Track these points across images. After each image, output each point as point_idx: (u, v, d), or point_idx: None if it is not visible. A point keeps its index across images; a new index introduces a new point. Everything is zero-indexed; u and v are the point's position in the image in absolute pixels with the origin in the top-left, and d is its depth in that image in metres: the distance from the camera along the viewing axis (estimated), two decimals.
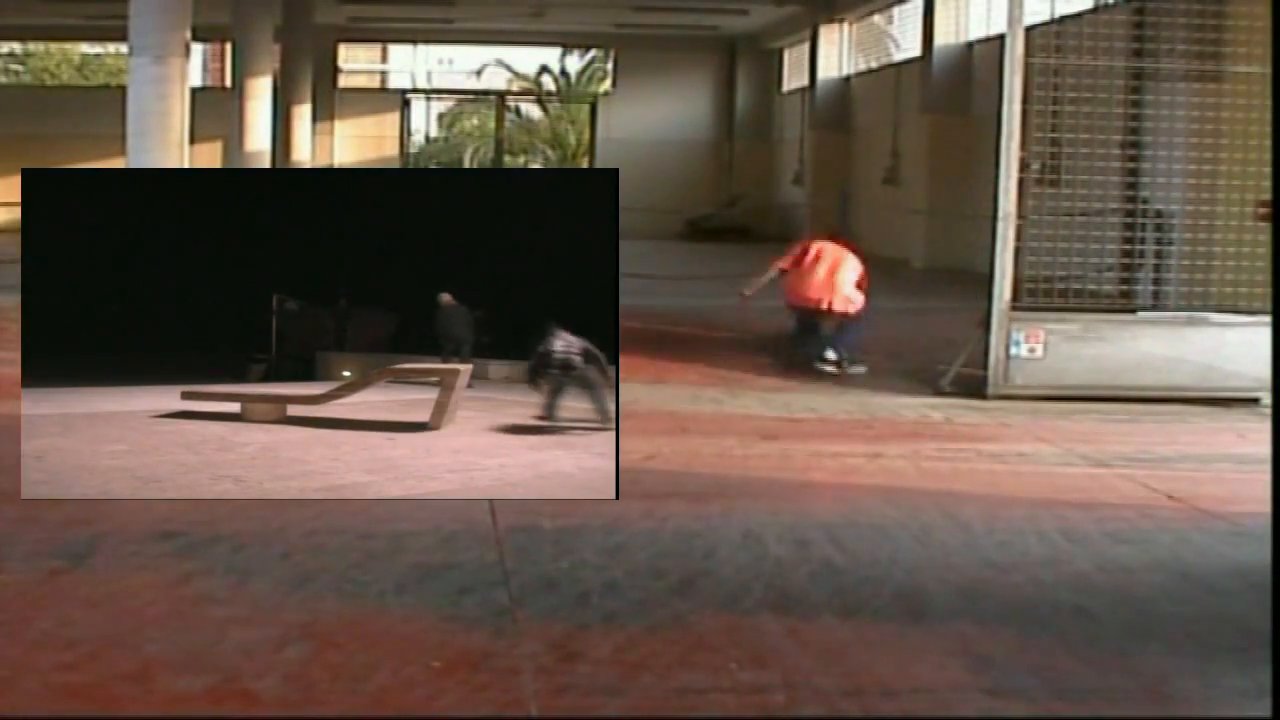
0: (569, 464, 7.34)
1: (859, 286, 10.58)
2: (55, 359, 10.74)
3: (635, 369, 9.97)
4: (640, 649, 4.27)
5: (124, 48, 14.61)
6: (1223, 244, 9.51)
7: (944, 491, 6.60)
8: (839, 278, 10.48)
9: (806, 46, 24.67)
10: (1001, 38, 9.40)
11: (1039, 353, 9.27)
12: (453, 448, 7.86)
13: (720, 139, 28.43)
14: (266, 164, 19.62)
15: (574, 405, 8.71)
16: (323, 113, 25.79)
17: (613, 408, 8.32)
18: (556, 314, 9.21)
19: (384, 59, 41.26)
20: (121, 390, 10.45)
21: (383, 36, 32.69)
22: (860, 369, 10.25)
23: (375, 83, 38.56)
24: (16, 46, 32.58)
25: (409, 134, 29.40)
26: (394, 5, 24.86)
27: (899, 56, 22.52)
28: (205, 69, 33.06)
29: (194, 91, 13.74)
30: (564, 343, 8.86)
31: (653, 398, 9.07)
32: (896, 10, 22.61)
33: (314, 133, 24.50)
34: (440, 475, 6.91)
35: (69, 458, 6.80)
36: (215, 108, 19.22)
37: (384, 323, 16.37)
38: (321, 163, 25.81)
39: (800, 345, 10.58)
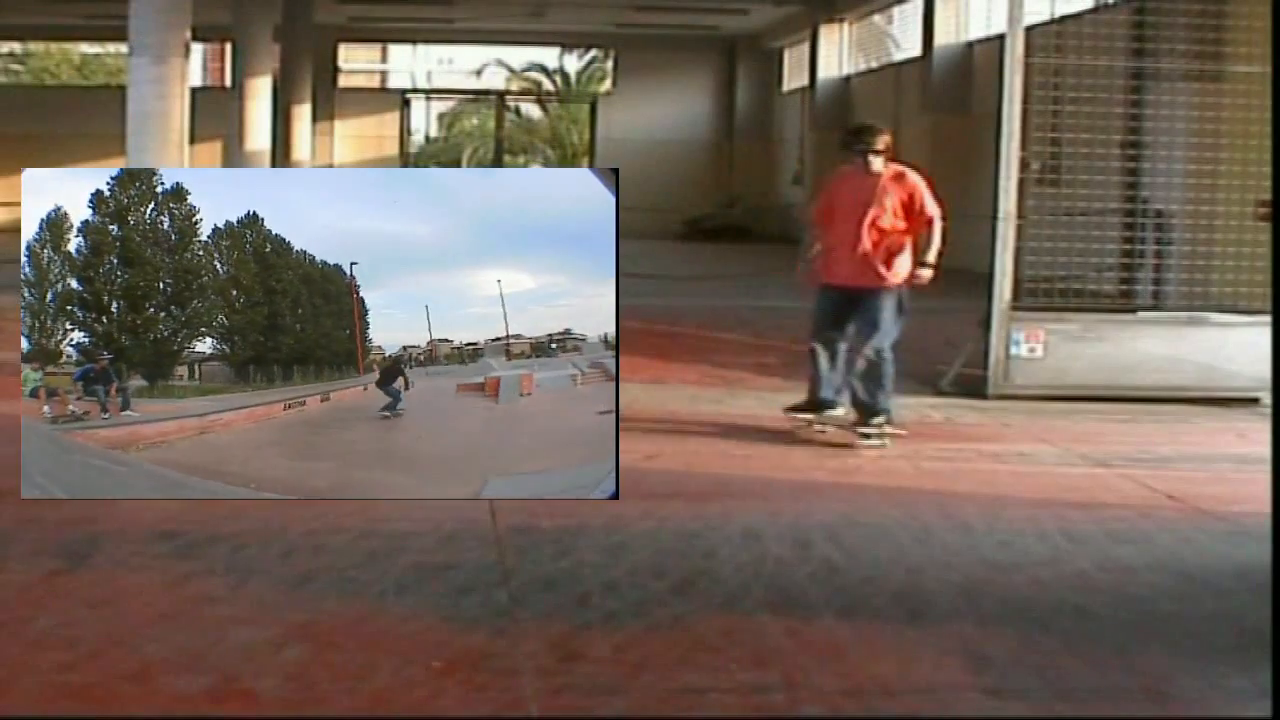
0: None
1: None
2: None
3: (635, 369, 9.97)
4: (640, 649, 4.27)
5: (124, 48, 14.59)
6: (1223, 244, 9.51)
7: (944, 491, 6.60)
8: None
9: (806, 46, 24.65)
10: (1001, 38, 9.41)
11: (1039, 353, 9.27)
12: None
13: (720, 139, 28.42)
14: (266, 164, 19.60)
15: None
16: (323, 113, 25.77)
17: None
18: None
19: (384, 59, 41.24)
20: None
21: (383, 36, 32.65)
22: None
23: (375, 83, 38.52)
24: (16, 46, 32.55)
25: (409, 134, 29.37)
26: (394, 5, 24.83)
27: (899, 56, 22.51)
28: (205, 69, 33.04)
29: (194, 91, 13.72)
30: None
31: (653, 398, 9.07)
32: (896, 10, 22.59)
33: (314, 133, 24.48)
34: None
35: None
36: (215, 108, 19.20)
37: None
38: (321, 163, 25.78)
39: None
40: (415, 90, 33.14)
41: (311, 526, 5.59)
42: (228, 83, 22.23)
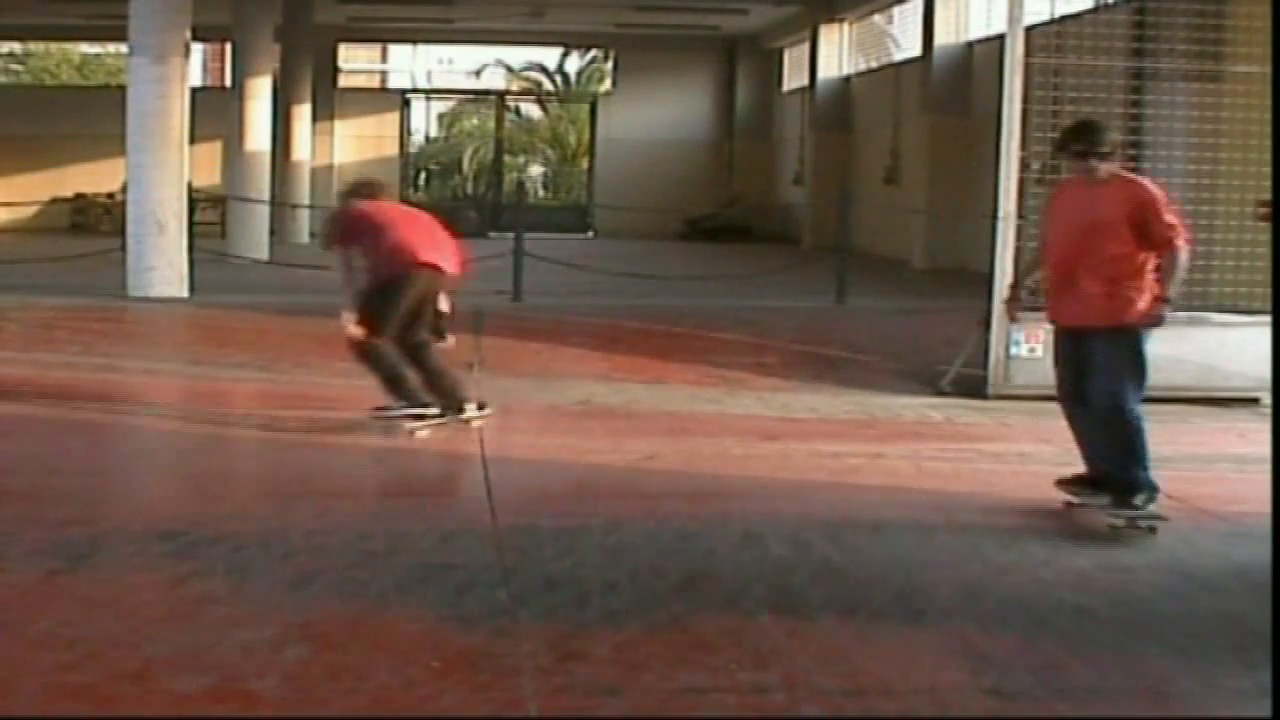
0: None
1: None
2: None
3: (635, 369, 9.97)
4: (640, 649, 4.27)
5: (124, 48, 14.59)
6: (1223, 244, 9.50)
7: (944, 491, 6.60)
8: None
9: (806, 46, 24.63)
10: (1001, 38, 9.40)
11: (1039, 353, 9.24)
12: None
13: (720, 139, 28.41)
14: (266, 164, 19.59)
15: None
16: (323, 113, 25.74)
17: None
18: None
19: (384, 59, 41.22)
20: None
21: (383, 36, 32.63)
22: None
23: (375, 83, 38.51)
24: (16, 46, 32.53)
25: (409, 134, 29.34)
26: (394, 5, 24.82)
27: (899, 56, 22.50)
28: (205, 69, 33.02)
29: (194, 91, 13.72)
30: None
31: (653, 398, 9.07)
32: (896, 10, 22.58)
33: (314, 132, 24.46)
34: None
35: None
36: (215, 108, 19.18)
37: None
38: (321, 162, 25.76)
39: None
40: (415, 90, 33.05)
41: (311, 526, 5.60)
42: (228, 83, 22.16)
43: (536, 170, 34.26)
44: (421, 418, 7.59)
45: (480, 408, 7.80)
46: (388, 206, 7.92)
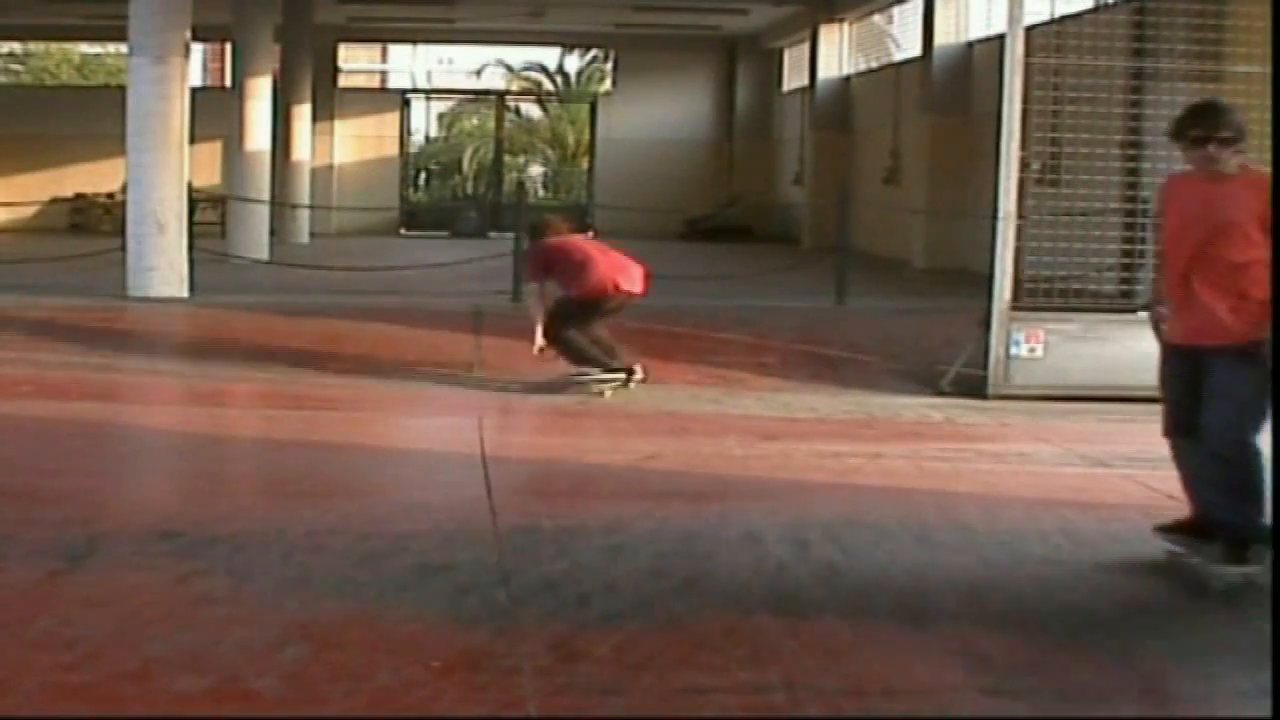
0: None
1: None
2: None
3: None
4: (640, 649, 4.27)
5: (124, 48, 14.58)
6: None
7: (944, 491, 6.60)
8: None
9: (806, 46, 24.62)
10: (1001, 38, 9.41)
11: (1039, 353, 9.27)
12: None
13: (720, 139, 28.39)
14: (266, 164, 19.59)
15: None
16: (323, 113, 25.72)
17: None
18: None
19: (384, 59, 41.22)
20: None
21: (383, 36, 32.61)
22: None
23: (375, 83, 38.50)
24: (16, 46, 32.53)
25: (409, 134, 29.32)
26: (394, 5, 24.81)
27: (899, 56, 22.49)
28: (205, 69, 33.01)
29: (194, 91, 13.71)
30: None
31: (653, 398, 9.07)
32: (896, 10, 22.56)
33: (314, 132, 24.44)
34: None
35: None
36: (215, 108, 19.17)
37: None
38: (321, 162, 25.74)
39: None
40: (415, 90, 33.00)
41: (311, 527, 5.59)
42: (228, 83, 22.15)
43: (536, 170, 34.23)
44: (606, 380, 9.22)
45: (643, 369, 9.38)
46: (578, 240, 9.54)
